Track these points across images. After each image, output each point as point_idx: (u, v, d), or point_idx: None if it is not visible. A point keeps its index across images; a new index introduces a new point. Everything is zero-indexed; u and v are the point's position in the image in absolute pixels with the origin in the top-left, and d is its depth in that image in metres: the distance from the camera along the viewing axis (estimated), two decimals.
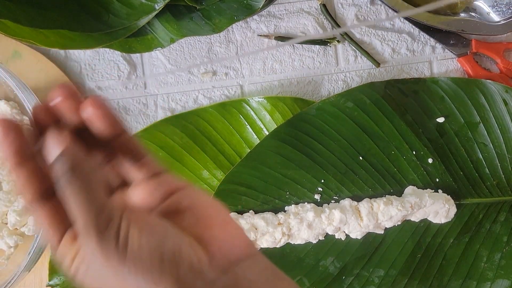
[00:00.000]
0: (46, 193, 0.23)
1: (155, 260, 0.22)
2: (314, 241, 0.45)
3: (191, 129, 0.47)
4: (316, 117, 0.46)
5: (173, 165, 0.47)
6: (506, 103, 0.46)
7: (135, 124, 0.48)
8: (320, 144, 0.46)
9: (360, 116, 0.46)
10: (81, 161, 0.22)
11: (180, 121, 0.47)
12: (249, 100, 0.47)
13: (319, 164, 0.46)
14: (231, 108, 0.47)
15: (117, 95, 0.49)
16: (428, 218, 0.46)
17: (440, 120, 0.46)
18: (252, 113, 0.47)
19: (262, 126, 0.47)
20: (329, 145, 0.46)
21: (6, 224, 0.44)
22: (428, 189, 0.46)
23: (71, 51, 0.48)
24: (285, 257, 0.45)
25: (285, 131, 0.46)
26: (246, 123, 0.47)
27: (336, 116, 0.46)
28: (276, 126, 0.46)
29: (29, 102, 0.41)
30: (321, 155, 0.46)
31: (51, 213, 0.23)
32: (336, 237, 0.46)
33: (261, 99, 0.47)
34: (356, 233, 0.45)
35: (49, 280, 0.45)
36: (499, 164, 0.46)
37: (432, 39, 0.49)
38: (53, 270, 0.45)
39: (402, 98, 0.46)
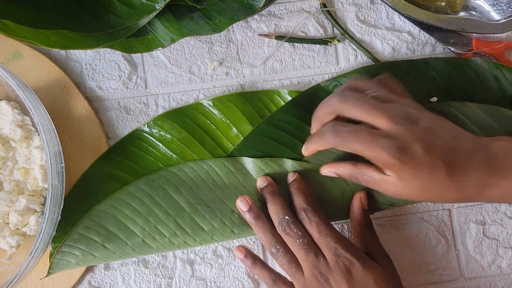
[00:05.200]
0: None
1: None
2: None
3: (189, 124, 0.47)
4: (309, 103, 0.46)
5: (172, 159, 0.47)
6: (497, 80, 0.47)
7: (136, 124, 0.48)
8: None
9: None
10: None
11: (178, 116, 0.47)
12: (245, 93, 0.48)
13: None
14: (227, 102, 0.47)
15: (118, 95, 0.49)
16: None
17: (433, 100, 0.47)
18: (249, 106, 0.48)
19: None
20: None
21: (8, 224, 0.44)
22: None
23: (72, 51, 0.49)
24: None
25: (279, 117, 0.46)
26: (244, 116, 0.47)
27: None
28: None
29: (30, 102, 0.41)
30: None
31: None
32: None
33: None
34: None
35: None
36: None
37: (432, 38, 0.49)
38: (53, 270, 0.45)
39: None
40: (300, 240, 0.40)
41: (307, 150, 0.41)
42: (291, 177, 0.44)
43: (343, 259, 0.39)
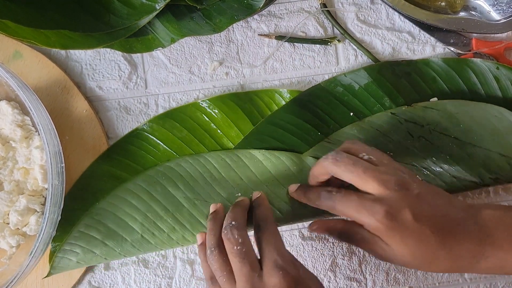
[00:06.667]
0: None
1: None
2: None
3: (190, 123, 0.47)
4: (310, 102, 0.47)
5: (173, 158, 0.47)
6: (498, 80, 0.47)
7: (136, 124, 0.48)
8: (314, 128, 0.47)
9: (350, 101, 0.47)
10: None
11: (179, 115, 0.47)
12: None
13: None
14: (228, 101, 0.48)
15: (118, 95, 0.49)
16: None
17: (433, 100, 0.47)
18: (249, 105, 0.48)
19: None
20: (322, 129, 0.47)
21: (8, 224, 0.44)
22: None
23: (72, 51, 0.49)
24: None
25: (280, 116, 0.47)
26: (244, 115, 0.48)
27: (328, 101, 0.47)
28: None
29: (30, 102, 0.41)
30: (314, 139, 0.46)
31: None
32: None
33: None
34: None
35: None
36: None
37: (432, 38, 0.49)
38: (55, 270, 0.45)
39: (395, 81, 0.47)
40: (238, 248, 0.37)
41: (298, 197, 0.43)
42: (255, 195, 0.43)
43: (283, 274, 0.35)
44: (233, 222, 0.39)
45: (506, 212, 0.37)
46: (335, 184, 0.41)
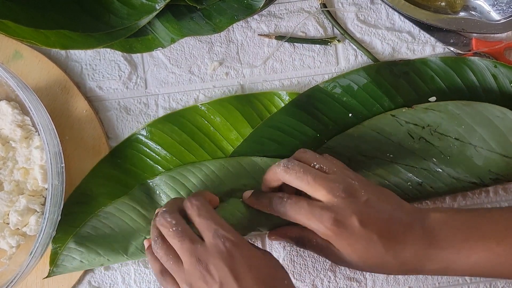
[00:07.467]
0: None
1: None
2: None
3: (189, 127, 0.47)
4: (309, 104, 0.47)
5: (172, 162, 0.47)
6: (495, 78, 0.47)
7: (136, 124, 0.48)
8: (313, 130, 0.47)
9: (349, 102, 0.47)
10: None
11: (178, 119, 0.47)
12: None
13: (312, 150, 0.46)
14: (227, 105, 0.47)
15: (118, 95, 0.49)
16: None
17: (432, 99, 0.47)
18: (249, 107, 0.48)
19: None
20: (321, 131, 0.47)
21: (8, 224, 0.44)
22: None
23: (72, 51, 0.49)
24: None
25: (278, 118, 0.47)
26: (244, 118, 0.48)
27: (327, 102, 0.47)
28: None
29: (30, 102, 0.41)
30: (313, 141, 0.47)
31: None
32: None
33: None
34: None
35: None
36: None
37: (432, 38, 0.49)
38: (58, 268, 0.45)
39: (393, 80, 0.47)
40: (174, 229, 0.37)
41: (252, 203, 0.42)
42: None
43: (224, 241, 0.36)
44: (163, 209, 0.39)
45: (452, 215, 0.38)
46: (287, 190, 0.42)
